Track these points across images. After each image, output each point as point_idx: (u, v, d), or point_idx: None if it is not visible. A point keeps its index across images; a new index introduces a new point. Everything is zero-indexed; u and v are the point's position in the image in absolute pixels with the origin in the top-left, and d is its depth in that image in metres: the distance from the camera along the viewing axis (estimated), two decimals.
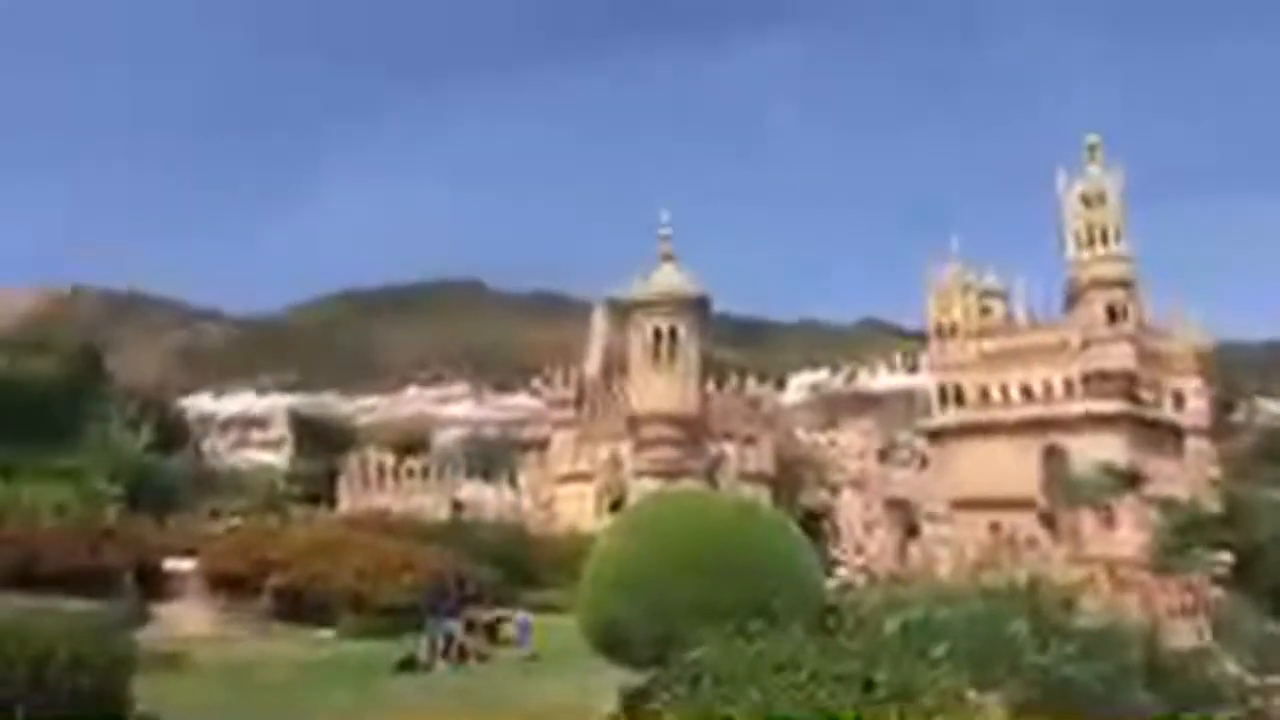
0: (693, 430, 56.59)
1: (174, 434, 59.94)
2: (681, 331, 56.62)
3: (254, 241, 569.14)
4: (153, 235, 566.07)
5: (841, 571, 48.37)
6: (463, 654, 23.07)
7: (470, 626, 24.26)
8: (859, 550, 56.41)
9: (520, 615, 25.85)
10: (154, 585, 28.11)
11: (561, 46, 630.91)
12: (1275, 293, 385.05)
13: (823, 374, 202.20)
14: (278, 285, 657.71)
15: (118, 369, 73.21)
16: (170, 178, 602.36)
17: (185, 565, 29.65)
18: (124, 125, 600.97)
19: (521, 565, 37.06)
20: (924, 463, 65.76)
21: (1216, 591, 39.92)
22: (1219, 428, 67.19)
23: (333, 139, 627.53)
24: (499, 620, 25.85)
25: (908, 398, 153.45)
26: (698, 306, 58.00)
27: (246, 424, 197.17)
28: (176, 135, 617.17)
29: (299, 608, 28.22)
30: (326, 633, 26.95)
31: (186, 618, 27.49)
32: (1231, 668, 13.48)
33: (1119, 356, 57.52)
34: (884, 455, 77.00)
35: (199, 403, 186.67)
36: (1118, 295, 57.65)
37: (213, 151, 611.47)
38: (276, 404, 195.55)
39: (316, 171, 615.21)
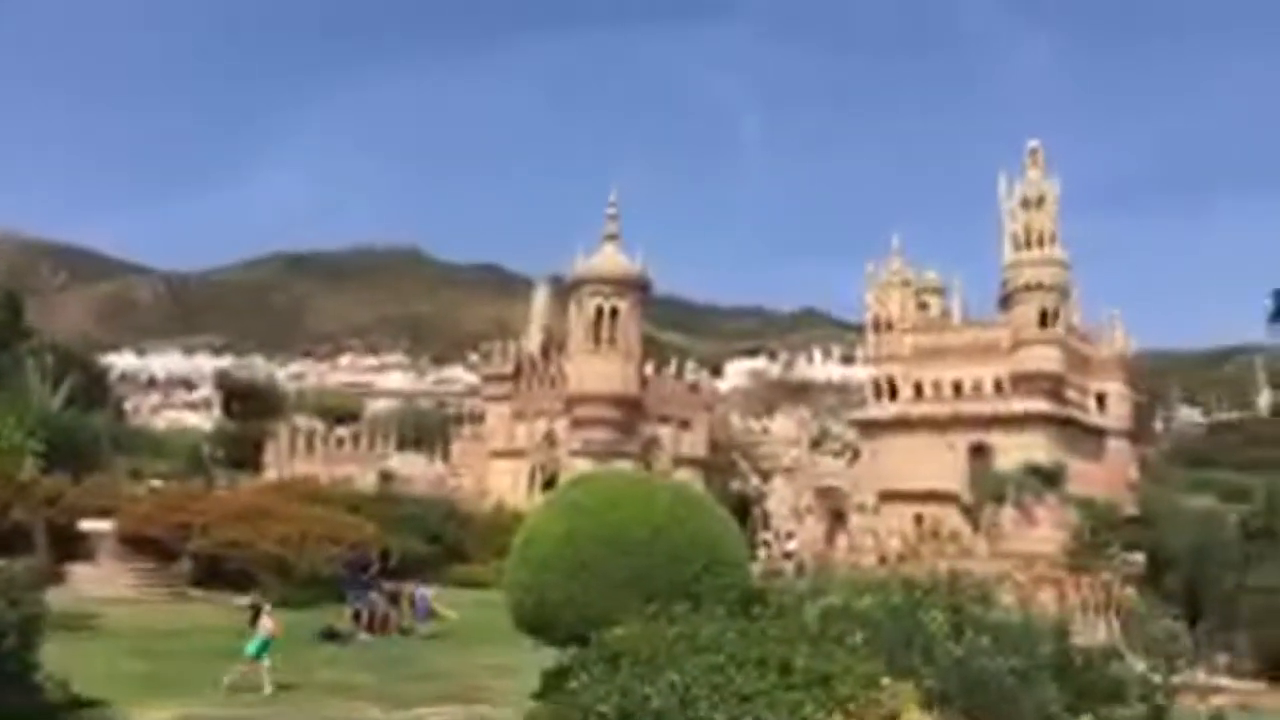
0: (629, 412, 56.63)
1: (95, 390, 58.22)
2: (622, 312, 56.53)
3: (188, 201, 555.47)
4: (84, 188, 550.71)
5: (768, 557, 49.09)
6: (385, 626, 22.89)
7: (395, 599, 24.06)
8: (787, 537, 57.14)
9: (419, 591, 24.89)
10: (68, 545, 27.38)
11: (512, 16, 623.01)
12: (1211, 304, 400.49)
13: (761, 361, 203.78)
14: (211, 245, 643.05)
15: (39, 320, 70.99)
16: (104, 133, 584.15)
17: (102, 526, 28.90)
18: (58, 76, 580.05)
19: (450, 539, 36.90)
20: (855, 454, 66.57)
21: (1129, 590, 41.28)
22: (1139, 432, 69.10)
23: (274, 101, 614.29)
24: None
25: (842, 388, 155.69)
26: (639, 287, 57.91)
27: (172, 384, 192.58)
28: (110, 92, 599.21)
29: (218, 574, 27.75)
30: (245, 600, 26.51)
31: (101, 579, 26.87)
32: (1138, 665, 13.91)
33: (1047, 358, 58.76)
34: (816, 444, 77.94)
35: (123, 359, 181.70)
36: (1050, 299, 58.81)
37: (149, 110, 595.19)
38: (204, 365, 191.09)
39: (256, 133, 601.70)
